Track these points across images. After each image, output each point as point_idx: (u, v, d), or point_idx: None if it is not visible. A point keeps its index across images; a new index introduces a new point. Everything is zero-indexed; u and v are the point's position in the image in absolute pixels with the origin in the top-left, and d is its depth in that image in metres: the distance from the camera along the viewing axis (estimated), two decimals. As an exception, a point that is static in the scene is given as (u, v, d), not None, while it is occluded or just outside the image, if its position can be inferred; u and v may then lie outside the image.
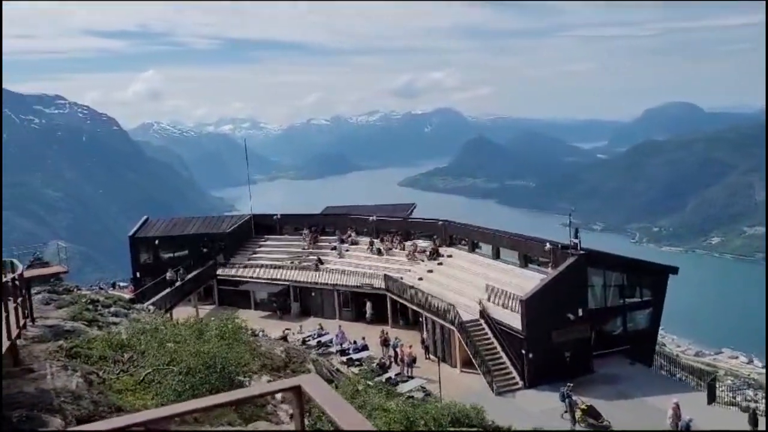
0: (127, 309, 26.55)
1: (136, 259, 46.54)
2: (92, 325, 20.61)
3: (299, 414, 1.92)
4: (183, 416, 2.59)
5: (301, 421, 1.91)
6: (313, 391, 1.78)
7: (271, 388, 2.06)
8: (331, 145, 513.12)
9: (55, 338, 16.90)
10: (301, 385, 1.85)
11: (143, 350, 14.53)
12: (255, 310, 42.45)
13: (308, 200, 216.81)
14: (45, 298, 23.52)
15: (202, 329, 14.92)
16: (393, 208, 53.39)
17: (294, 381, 1.91)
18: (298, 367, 21.40)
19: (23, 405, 9.55)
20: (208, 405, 2.16)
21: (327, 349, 33.88)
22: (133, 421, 2.51)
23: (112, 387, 12.13)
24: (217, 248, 46.13)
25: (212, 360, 12.41)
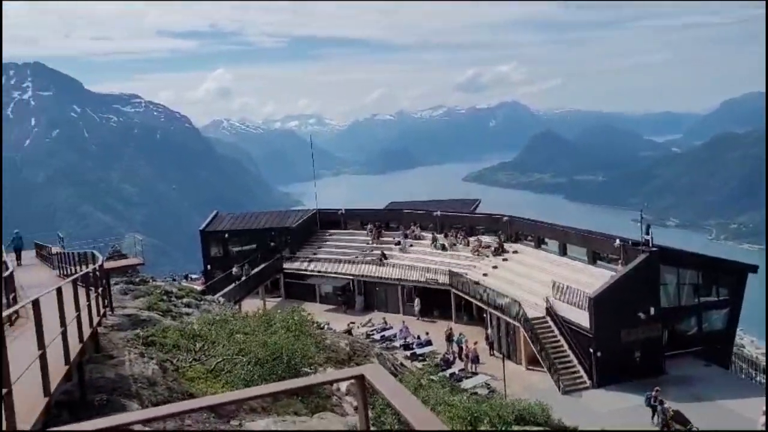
0: (199, 300, 27.55)
1: (206, 252, 48.05)
2: (166, 315, 21.48)
3: (363, 402, 1.96)
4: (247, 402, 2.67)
5: (365, 409, 1.95)
6: (376, 381, 1.82)
7: (334, 376, 2.11)
8: (394, 141, 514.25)
9: (132, 327, 17.72)
10: (365, 375, 1.89)
11: (214, 340, 15.02)
12: (320, 304, 43.12)
13: (372, 195, 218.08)
14: (123, 289, 24.68)
15: (269, 321, 15.30)
16: (457, 204, 53.09)
17: (357, 370, 1.95)
18: (362, 361, 21.63)
19: (104, 389, 10.06)
20: (273, 391, 2.23)
21: (391, 343, 34.07)
22: (199, 405, 2.61)
23: (185, 375, 12.61)
24: (283, 242, 47.09)
25: (279, 351, 12.72)
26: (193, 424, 9.49)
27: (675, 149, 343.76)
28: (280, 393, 3.30)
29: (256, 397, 2.18)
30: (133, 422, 2.42)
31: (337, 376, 2.13)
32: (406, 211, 49.27)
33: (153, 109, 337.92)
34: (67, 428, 2.17)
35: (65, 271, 22.63)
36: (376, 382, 1.82)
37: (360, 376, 1.90)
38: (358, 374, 1.91)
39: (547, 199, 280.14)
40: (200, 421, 9.82)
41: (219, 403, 2.38)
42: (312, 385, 2.71)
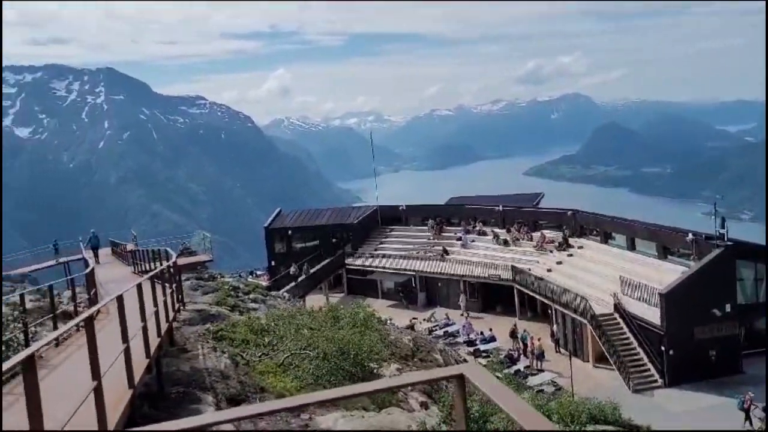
0: (265, 296, 28.15)
1: (271, 248, 49.01)
2: (234, 310, 22.04)
3: (462, 402, 1.93)
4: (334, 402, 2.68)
5: (464, 410, 1.92)
6: (477, 380, 1.78)
7: (432, 375, 2.09)
8: (454, 136, 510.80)
9: (203, 322, 18.26)
10: (464, 373, 1.86)
11: (281, 335, 15.30)
12: (382, 299, 43.31)
13: (432, 191, 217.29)
14: (193, 285, 25.46)
15: (336, 317, 15.47)
16: (519, 198, 52.29)
17: (456, 369, 1.93)
18: (425, 356, 21.61)
19: (180, 382, 10.40)
20: (368, 390, 2.22)
21: (454, 339, 33.90)
22: (295, 404, 2.63)
23: (255, 368, 12.90)
24: (345, 238, 47.53)
25: (346, 346, 12.83)
26: (265, 417, 9.68)
27: (749, 139, 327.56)
28: (376, 392, 3.28)
29: (350, 396, 2.18)
30: (219, 422, 2.46)
31: (436, 375, 2.10)
32: (468, 206, 48.88)
33: (217, 110, 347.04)
34: (157, 428, 2.21)
35: (139, 268, 23.56)
36: (477, 381, 1.79)
37: (459, 375, 1.87)
38: (457, 373, 1.89)
39: (612, 192, 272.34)
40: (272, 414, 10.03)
41: (308, 403, 2.39)
42: (412, 384, 2.68)
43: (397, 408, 12.24)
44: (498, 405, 1.63)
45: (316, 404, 9.11)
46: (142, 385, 7.92)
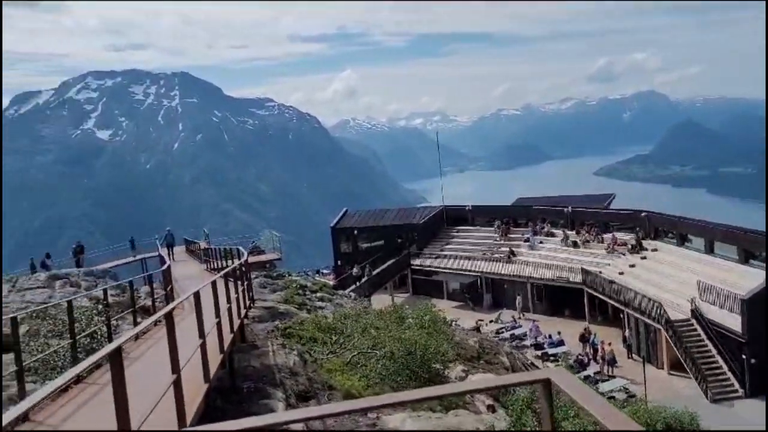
0: (331, 295, 28.50)
1: (337, 248, 49.60)
2: (302, 308, 22.41)
3: (548, 407, 1.88)
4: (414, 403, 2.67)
5: (551, 415, 1.86)
6: (565, 385, 1.73)
7: (517, 379, 2.04)
8: (521, 135, 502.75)
9: (272, 319, 18.65)
10: (551, 378, 1.81)
11: (348, 334, 15.44)
12: (447, 300, 43.06)
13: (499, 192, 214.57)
14: (262, 282, 26.05)
15: (401, 317, 15.48)
16: (589, 199, 50.94)
17: (543, 373, 1.88)
18: (491, 359, 21.32)
19: (251, 377, 10.65)
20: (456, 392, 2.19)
21: (521, 342, 33.35)
22: (361, 406, 2.62)
23: (323, 366, 13.06)
24: (410, 239, 47.54)
25: (413, 347, 12.80)
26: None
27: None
28: (460, 394, 3.24)
29: (427, 399, 2.15)
30: (293, 421, 2.48)
31: (522, 379, 2.05)
32: (535, 207, 47.98)
33: (285, 111, 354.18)
34: (231, 426, 2.24)
35: (212, 265, 24.30)
36: (566, 387, 1.73)
37: (546, 381, 1.82)
38: (544, 378, 1.83)
39: (688, 193, 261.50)
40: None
41: (384, 404, 2.38)
42: (495, 387, 2.61)
43: (464, 410, 12.14)
44: (590, 412, 1.58)
45: (394, 405, 9.12)
46: (216, 379, 8.16)
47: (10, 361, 10.04)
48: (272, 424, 2.45)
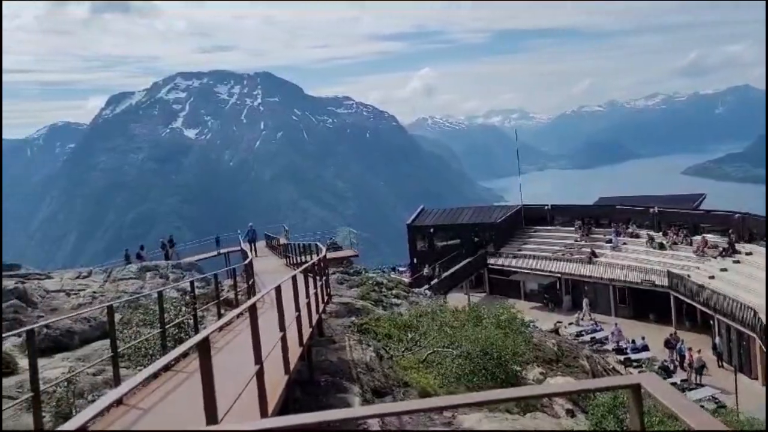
0: (407, 292, 28.59)
1: (413, 246, 49.62)
2: (377, 305, 22.61)
3: (638, 413, 1.81)
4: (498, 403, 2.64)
5: (641, 422, 1.80)
6: (657, 391, 1.66)
7: (604, 383, 1.98)
8: (604, 133, 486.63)
9: (348, 315, 18.92)
10: (641, 383, 1.74)
11: (424, 332, 15.46)
12: (524, 301, 42.23)
13: (579, 191, 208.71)
14: (339, 279, 26.49)
15: (478, 316, 15.34)
16: (677, 199, 48.66)
17: (633, 378, 1.81)
18: (571, 362, 20.77)
19: (328, 371, 10.85)
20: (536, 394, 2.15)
21: (602, 346, 32.29)
22: (439, 405, 2.61)
23: (398, 363, 13.14)
24: (487, 238, 46.97)
25: (489, 347, 12.67)
26: (409, 411, 9.81)
27: None
28: (534, 397, 3.18)
29: (505, 400, 2.11)
30: (370, 416, 2.50)
31: (610, 383, 1.99)
32: (619, 207, 46.28)
33: (363, 110, 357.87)
34: (312, 417, 2.27)
35: (291, 261, 24.89)
36: (657, 393, 1.67)
37: (636, 386, 1.75)
38: (634, 383, 1.77)
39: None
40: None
41: (460, 404, 2.36)
42: (581, 391, 2.55)
43: (542, 413, 11.90)
44: (684, 421, 1.51)
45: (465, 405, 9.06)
46: (295, 371, 8.35)
47: (106, 347, 10.67)
48: (349, 419, 2.48)
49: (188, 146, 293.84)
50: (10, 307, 12.75)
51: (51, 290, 16.70)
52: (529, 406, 11.80)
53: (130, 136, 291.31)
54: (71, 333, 11.12)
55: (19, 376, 8.75)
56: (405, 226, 51.37)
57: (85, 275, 20.01)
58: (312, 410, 8.70)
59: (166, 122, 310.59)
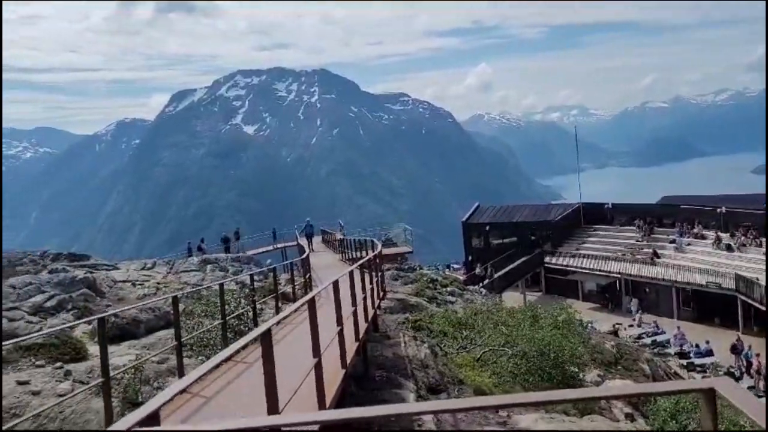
0: (461, 290, 28.45)
1: (468, 243, 49.22)
2: (432, 302, 22.59)
3: (712, 419, 1.75)
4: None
5: (715, 429, 1.74)
6: (733, 397, 1.60)
7: (672, 387, 1.92)
8: (668, 129, 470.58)
9: (402, 311, 18.97)
10: (716, 388, 1.69)
11: (479, 330, 15.34)
12: (582, 301, 41.33)
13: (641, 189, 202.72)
14: (393, 275, 26.57)
15: (534, 316, 15.12)
16: (746, 199, 46.59)
17: (706, 383, 1.75)
18: (630, 365, 20.25)
19: (383, 366, 10.91)
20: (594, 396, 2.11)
21: (663, 349, 31.30)
22: (500, 403, 2.59)
23: (453, 360, 13.08)
24: (544, 236, 46.17)
25: (546, 347, 12.47)
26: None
27: None
28: (592, 399, 3.13)
29: (562, 401, 2.07)
30: (425, 412, 2.50)
31: (674, 387, 1.93)
32: (683, 206, 44.69)
33: (419, 106, 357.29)
34: (370, 411, 2.28)
35: (346, 256, 25.11)
36: (733, 398, 1.61)
37: (710, 390, 1.70)
38: (707, 387, 1.71)
39: None
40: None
41: (516, 403, 2.34)
42: (651, 394, 2.44)
43: (599, 416, 11.65)
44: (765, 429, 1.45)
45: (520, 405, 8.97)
46: (351, 366, 8.44)
47: (169, 336, 11.05)
48: (404, 414, 2.49)
49: (247, 142, 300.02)
50: (81, 295, 13.33)
51: (118, 280, 17.37)
52: (587, 408, 11.57)
53: (192, 132, 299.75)
54: (137, 322, 11.56)
55: (88, 362, 9.15)
56: (460, 223, 51.02)
57: (149, 267, 20.73)
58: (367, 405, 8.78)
59: (226, 119, 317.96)
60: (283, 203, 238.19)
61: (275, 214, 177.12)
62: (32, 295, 12.43)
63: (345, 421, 2.24)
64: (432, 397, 10.31)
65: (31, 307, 11.95)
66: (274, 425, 2.98)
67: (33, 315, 11.75)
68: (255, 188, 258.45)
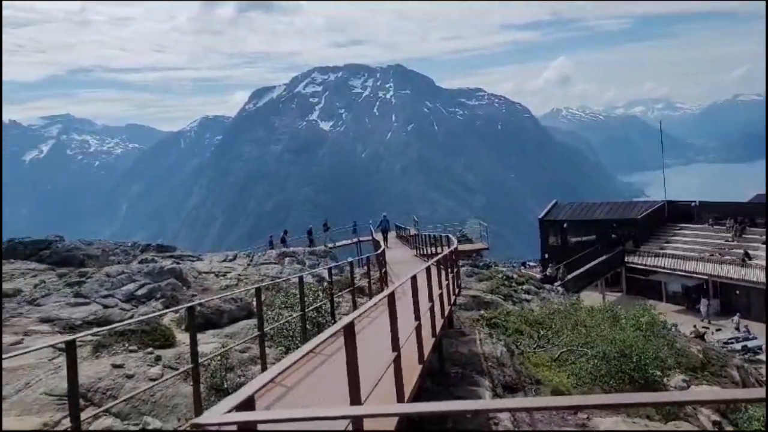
0: (538, 288, 27.91)
1: (544, 240, 48.17)
2: (507, 299, 22.28)
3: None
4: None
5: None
6: None
7: None
8: (761, 124, 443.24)
9: (477, 308, 18.82)
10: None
11: (557, 329, 15.03)
12: (666, 303, 39.67)
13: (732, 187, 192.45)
14: (468, 271, 26.38)
15: (615, 316, 14.66)
16: None
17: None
18: (717, 371, 19.32)
19: (458, 363, 10.87)
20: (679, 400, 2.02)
21: (755, 355, 29.63)
22: (579, 404, 2.53)
23: (529, 359, 12.89)
24: (626, 235, 44.59)
25: (628, 349, 12.06)
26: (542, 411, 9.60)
27: None
28: (677, 403, 2.95)
29: (644, 404, 1.99)
30: (501, 409, 2.48)
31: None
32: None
33: (495, 101, 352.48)
34: (448, 406, 2.28)
35: (420, 252, 25.14)
36: None
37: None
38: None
39: None
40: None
41: (596, 404, 2.28)
42: (727, 401, 2.28)
43: (685, 422, 11.18)
44: None
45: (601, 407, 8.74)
46: (428, 361, 8.46)
47: (250, 326, 11.43)
48: (481, 410, 2.49)
49: (323, 138, 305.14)
50: (168, 285, 13.97)
51: (202, 271, 18.10)
52: (672, 413, 11.13)
53: (271, 128, 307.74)
54: (220, 312, 12.01)
55: (176, 348, 9.59)
56: (536, 220, 50.04)
57: (231, 258, 21.48)
58: (443, 400, 8.78)
59: (303, 115, 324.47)
60: (357, 198, 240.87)
61: (350, 209, 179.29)
62: (125, 284, 13.15)
63: (423, 415, 2.27)
64: (508, 396, 10.20)
65: (124, 294, 12.65)
66: (358, 415, 3.04)
67: (126, 302, 12.43)
68: (330, 183, 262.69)
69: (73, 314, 11.21)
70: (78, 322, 10.94)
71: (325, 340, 7.68)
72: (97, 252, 18.65)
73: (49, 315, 11.04)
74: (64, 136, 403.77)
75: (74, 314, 11.22)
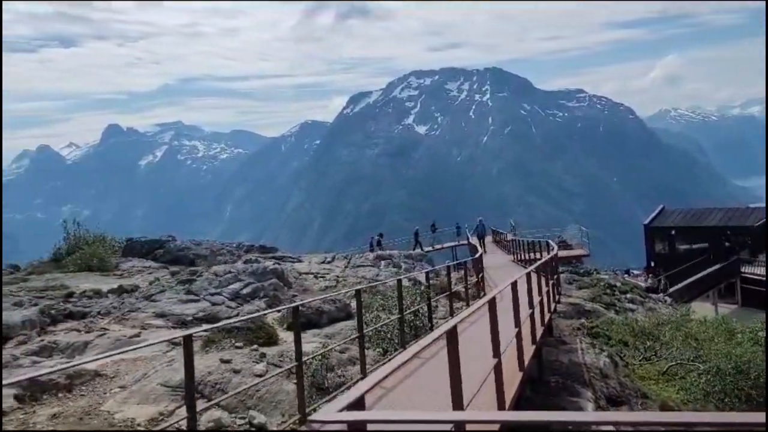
0: (643, 297, 26.63)
1: (650, 248, 45.96)
2: (609, 308, 21.40)
3: None
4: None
5: None
6: None
7: None
8: None
9: (577, 316, 18.20)
10: None
11: (665, 341, 14.29)
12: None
13: None
14: (568, 278, 25.58)
15: (731, 329, 13.76)
16: None
17: None
18: None
19: (558, 372, 10.58)
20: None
21: None
22: (691, 420, 2.38)
23: (635, 372, 12.33)
24: (741, 242, 41.70)
25: (746, 365, 11.28)
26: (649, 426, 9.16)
27: None
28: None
29: (759, 424, 1.84)
30: (603, 422, 2.37)
31: None
32: None
33: (596, 102, 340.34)
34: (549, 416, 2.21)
35: (518, 257, 24.68)
36: None
37: None
38: None
39: None
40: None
41: (709, 422, 2.13)
42: None
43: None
44: None
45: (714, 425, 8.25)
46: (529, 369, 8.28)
47: (349, 327, 11.65)
48: (583, 422, 2.41)
49: (418, 142, 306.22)
50: (271, 285, 14.50)
51: (302, 272, 18.65)
52: None
53: (367, 132, 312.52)
54: (320, 312, 12.33)
55: (279, 346, 9.94)
56: (641, 226, 47.83)
57: (329, 260, 21.99)
58: (543, 410, 8.57)
59: (399, 119, 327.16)
60: (453, 202, 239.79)
61: (445, 213, 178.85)
62: (231, 283, 13.78)
63: (525, 424, 2.23)
64: (612, 409, 9.80)
65: (230, 293, 13.26)
66: (462, 420, 3.04)
67: (231, 300, 13.02)
68: (425, 187, 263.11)
69: (185, 310, 11.88)
70: (189, 318, 11.57)
71: (429, 345, 7.73)
72: (205, 252, 19.67)
73: (163, 310, 11.76)
74: (176, 142, 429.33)
75: (186, 310, 11.89)
